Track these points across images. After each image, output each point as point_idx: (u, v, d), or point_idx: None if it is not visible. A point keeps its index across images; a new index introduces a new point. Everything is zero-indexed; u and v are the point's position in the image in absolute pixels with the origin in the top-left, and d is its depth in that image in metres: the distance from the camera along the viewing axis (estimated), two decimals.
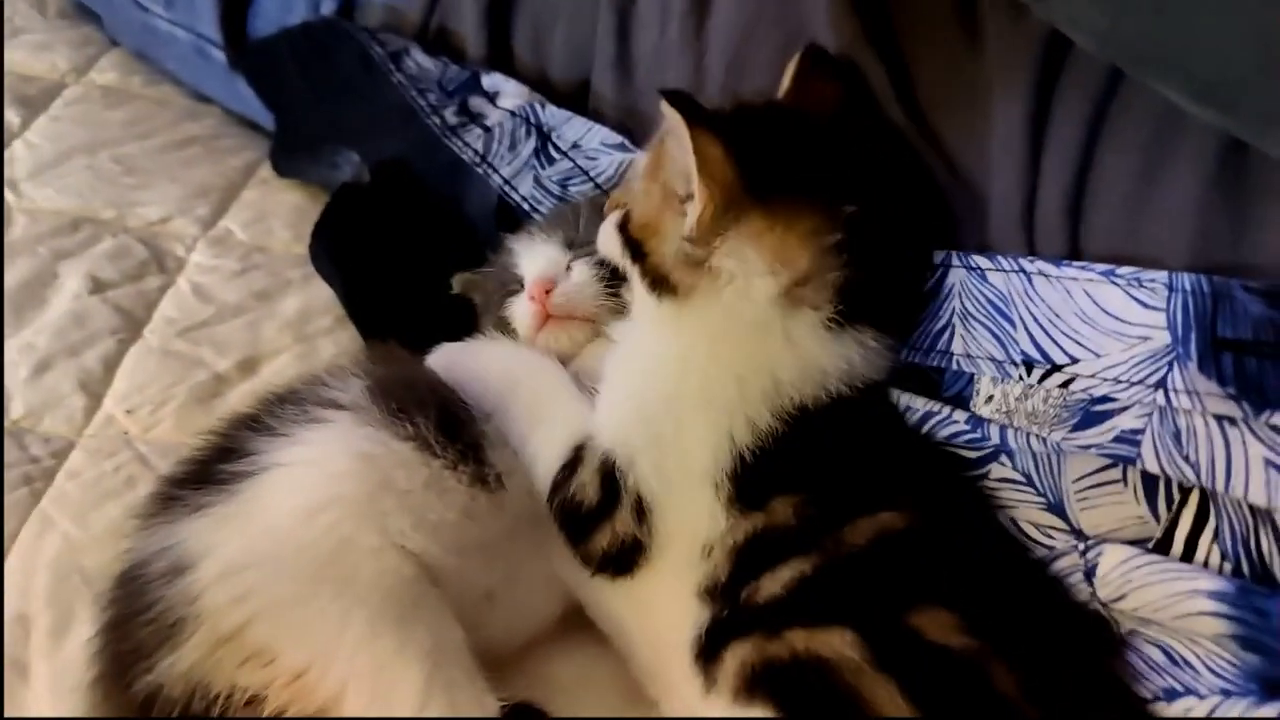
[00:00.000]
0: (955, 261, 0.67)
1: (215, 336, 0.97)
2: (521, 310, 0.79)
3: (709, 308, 0.65)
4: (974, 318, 0.65)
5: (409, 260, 0.97)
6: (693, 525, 0.63)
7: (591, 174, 0.93)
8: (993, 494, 0.65)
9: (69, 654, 0.73)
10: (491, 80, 1.03)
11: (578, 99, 1.01)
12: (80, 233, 1.08)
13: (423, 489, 0.66)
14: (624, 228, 0.71)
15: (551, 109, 0.98)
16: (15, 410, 0.90)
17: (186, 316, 1.00)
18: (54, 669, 0.73)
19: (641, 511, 0.64)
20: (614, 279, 0.77)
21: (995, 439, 0.63)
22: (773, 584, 0.60)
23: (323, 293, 1.01)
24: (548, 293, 0.78)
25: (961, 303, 0.66)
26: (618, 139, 0.92)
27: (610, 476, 0.65)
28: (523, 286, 0.80)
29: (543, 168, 0.96)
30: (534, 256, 0.82)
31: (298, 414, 0.70)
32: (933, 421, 0.66)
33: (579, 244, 0.81)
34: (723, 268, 0.64)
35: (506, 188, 0.97)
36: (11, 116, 1.24)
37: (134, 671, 0.60)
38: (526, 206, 0.95)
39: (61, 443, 0.88)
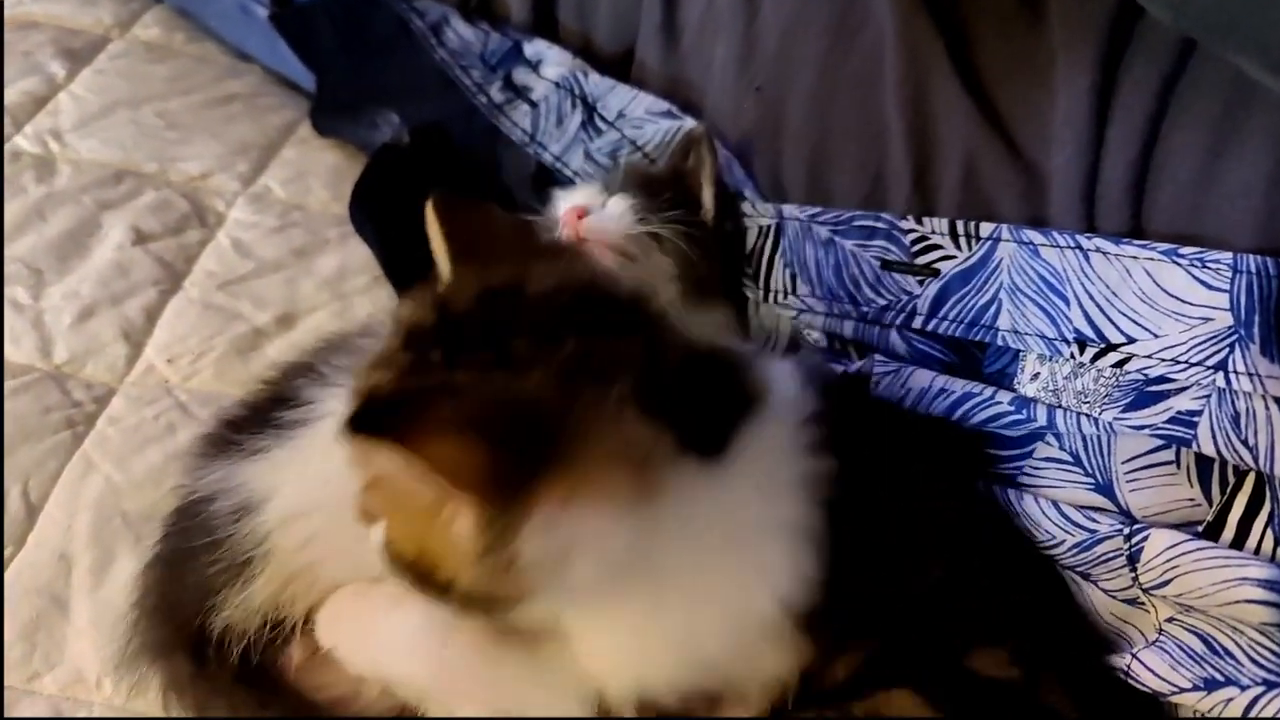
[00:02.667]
0: (1006, 235, 0.66)
1: (254, 291, 0.98)
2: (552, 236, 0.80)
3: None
4: (1023, 293, 0.64)
5: None
6: None
7: (639, 143, 0.93)
8: (1035, 475, 0.64)
9: (110, 591, 0.74)
10: (534, 48, 1.02)
11: (622, 67, 1.00)
12: (123, 185, 1.08)
13: None
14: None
15: (594, 78, 0.97)
16: (59, 355, 0.91)
17: (226, 270, 1.00)
18: (95, 605, 0.74)
19: None
20: (648, 215, 0.78)
21: (1042, 420, 0.63)
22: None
23: (360, 252, 1.02)
24: (581, 218, 0.78)
25: (1011, 277, 0.65)
26: (663, 106, 0.92)
27: None
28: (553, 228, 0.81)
29: (591, 140, 0.96)
30: (571, 194, 0.84)
31: (352, 364, 0.70)
32: (971, 403, 0.65)
33: (615, 190, 0.82)
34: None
35: (558, 164, 0.97)
36: (57, 69, 1.24)
37: (199, 605, 0.61)
38: (579, 181, 0.94)
39: (103, 389, 0.89)
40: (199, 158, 1.13)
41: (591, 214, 0.80)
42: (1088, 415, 0.60)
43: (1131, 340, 0.59)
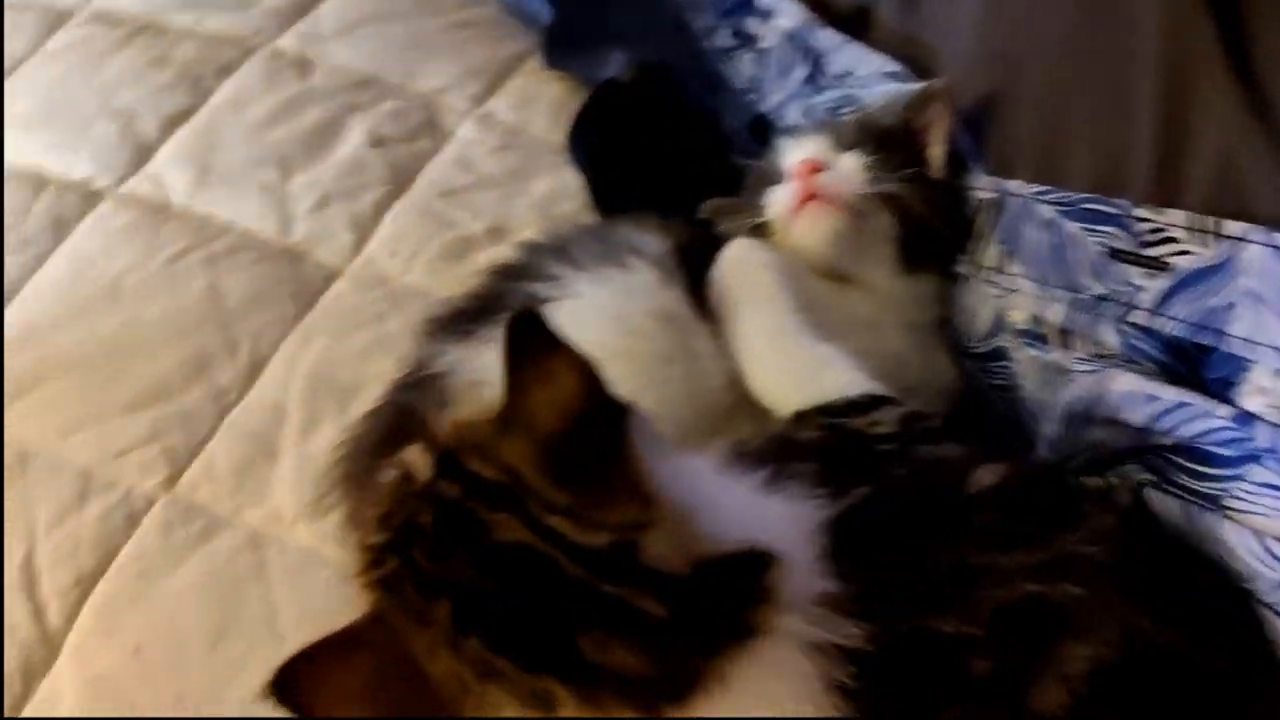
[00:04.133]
0: (1255, 237, 0.62)
1: (471, 202, 1.03)
2: (782, 192, 0.79)
3: None
4: (1266, 301, 0.61)
5: (660, 163, 0.99)
6: None
7: (863, 103, 0.92)
8: (1243, 500, 0.60)
9: (313, 447, 0.82)
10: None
11: (855, 24, 0.99)
12: (368, 92, 1.16)
13: (709, 360, 0.70)
14: None
15: (826, 32, 0.96)
16: (296, 234, 1.00)
17: (447, 181, 1.06)
18: (299, 457, 0.82)
19: None
20: (882, 173, 0.77)
21: (1263, 440, 0.58)
22: None
23: (573, 181, 1.05)
24: (813, 170, 0.78)
25: (1254, 282, 0.61)
26: (894, 66, 0.90)
27: None
28: (780, 180, 0.81)
29: (812, 95, 0.95)
30: (801, 146, 0.83)
31: (599, 250, 0.74)
32: (1183, 415, 0.62)
33: (847, 144, 0.81)
34: None
35: (774, 115, 0.97)
36: None
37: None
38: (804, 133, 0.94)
39: (329, 270, 0.97)
40: (437, 75, 1.19)
41: (825, 167, 0.79)
42: None
43: None
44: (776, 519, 0.52)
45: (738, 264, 0.75)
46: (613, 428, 0.48)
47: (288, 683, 0.48)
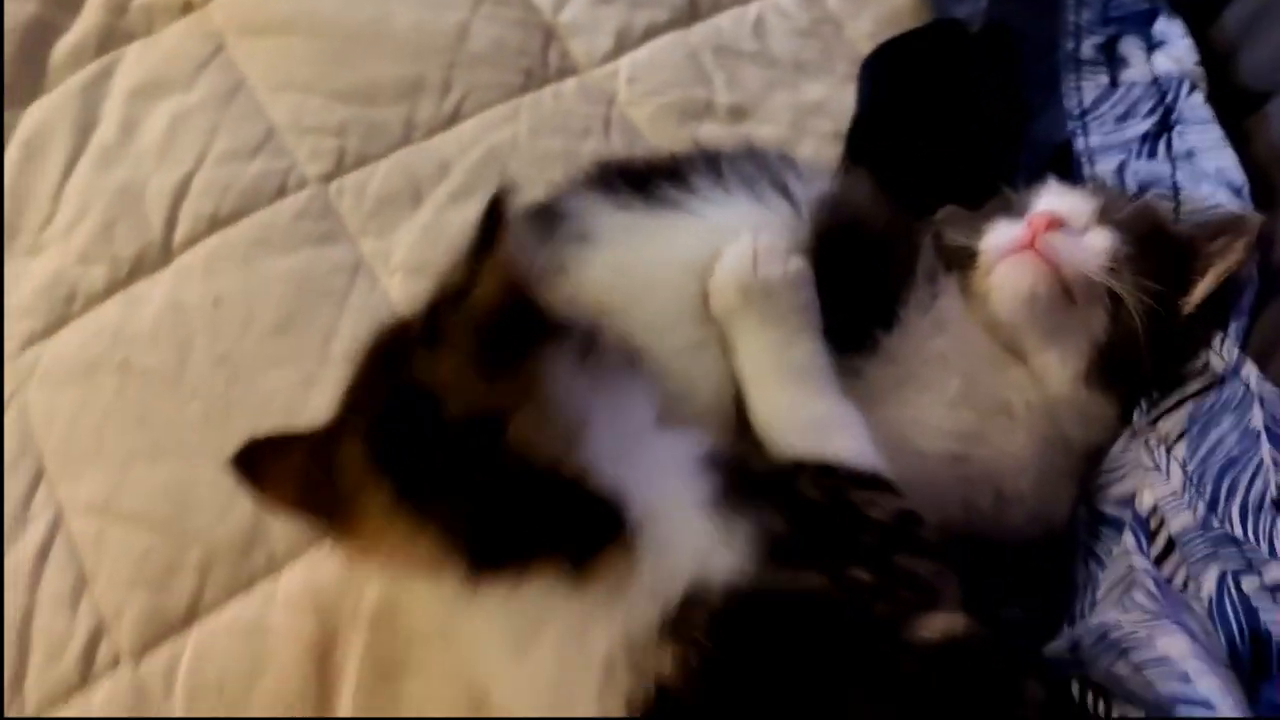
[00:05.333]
0: None
1: (736, 72, 0.96)
2: (1004, 230, 0.69)
3: None
4: None
5: (936, 135, 0.88)
6: None
7: (1181, 195, 0.76)
8: None
9: (450, 217, 0.84)
10: (1167, 26, 0.84)
11: (1246, 108, 0.80)
12: None
13: None
14: None
15: (1197, 99, 0.79)
16: (565, 15, 0.98)
17: (732, 39, 0.99)
18: (434, 217, 0.84)
19: None
20: (1124, 268, 0.65)
21: None
22: None
23: (847, 103, 0.95)
24: (1050, 226, 0.67)
25: None
26: (1240, 180, 0.73)
27: None
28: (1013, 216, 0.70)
29: (1137, 157, 0.79)
30: (1060, 196, 0.72)
31: (751, 178, 0.70)
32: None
33: (1113, 222, 0.68)
34: None
35: (1085, 156, 0.82)
36: None
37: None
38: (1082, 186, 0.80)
39: (570, 65, 0.96)
40: None
41: (1065, 230, 0.68)
42: None
43: None
44: (671, 509, 0.54)
45: (766, 271, 0.65)
46: (526, 332, 0.54)
47: (247, 458, 0.58)
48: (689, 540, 0.53)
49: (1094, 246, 0.67)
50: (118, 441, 0.75)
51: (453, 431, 0.53)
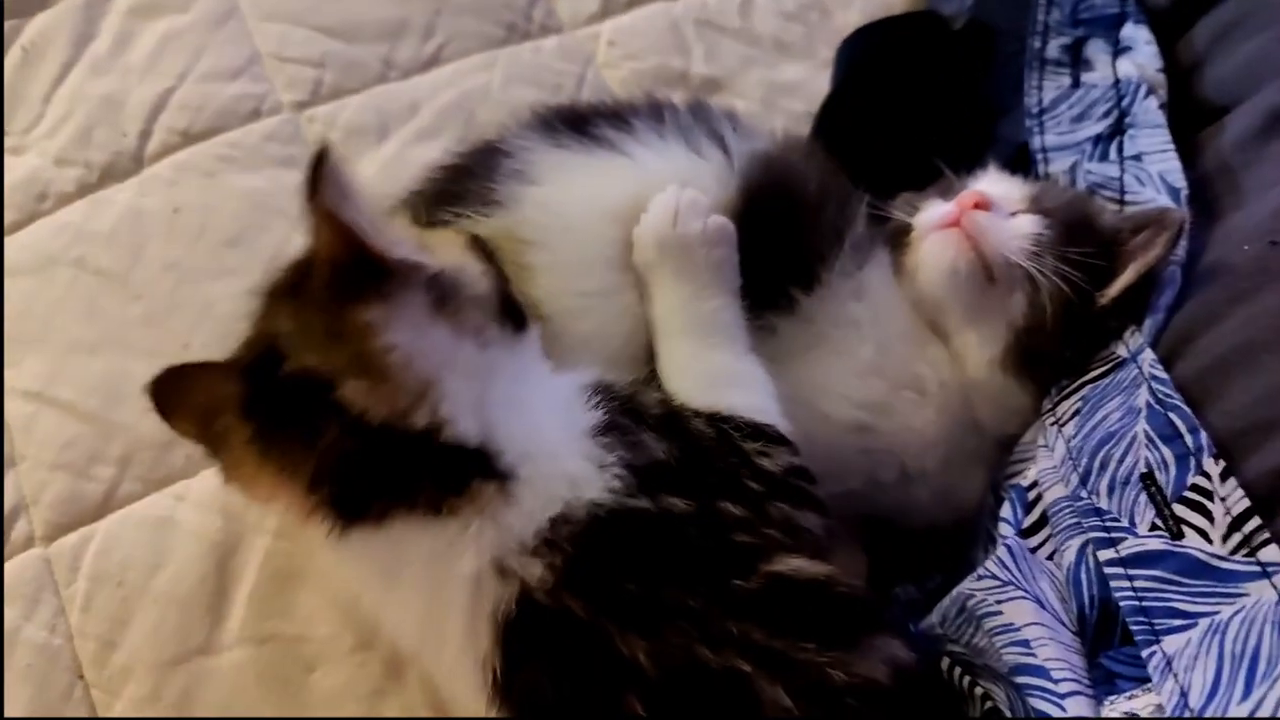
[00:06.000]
0: None
1: (716, 45, 0.98)
2: (935, 208, 0.70)
3: None
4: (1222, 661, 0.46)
5: (903, 125, 0.88)
6: None
7: (1126, 195, 0.75)
8: None
9: (413, 154, 0.85)
10: (1134, 32, 0.83)
11: (1206, 119, 0.79)
12: None
13: None
14: None
15: (1152, 103, 0.78)
16: None
17: (718, 13, 1.00)
18: (398, 151, 0.87)
19: None
20: (1047, 253, 0.66)
21: None
22: None
23: (820, 84, 0.96)
24: (977, 205, 0.68)
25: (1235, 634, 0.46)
26: (1181, 184, 0.72)
27: None
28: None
29: (1089, 159, 0.79)
30: (994, 181, 0.73)
31: (688, 128, 0.70)
32: (1035, 683, 0.51)
33: (1042, 210, 0.69)
34: None
35: (1040, 155, 0.82)
36: None
37: (443, 207, 0.68)
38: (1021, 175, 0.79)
39: (553, 24, 0.98)
40: None
41: (992, 211, 0.68)
42: None
43: None
44: (550, 435, 0.55)
45: (684, 227, 0.65)
46: (362, 285, 0.53)
47: (161, 386, 0.61)
48: (565, 468, 0.54)
49: (1017, 229, 0.67)
50: (62, 332, 0.78)
51: (287, 388, 0.54)
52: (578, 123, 0.71)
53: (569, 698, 0.50)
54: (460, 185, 0.70)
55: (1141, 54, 0.81)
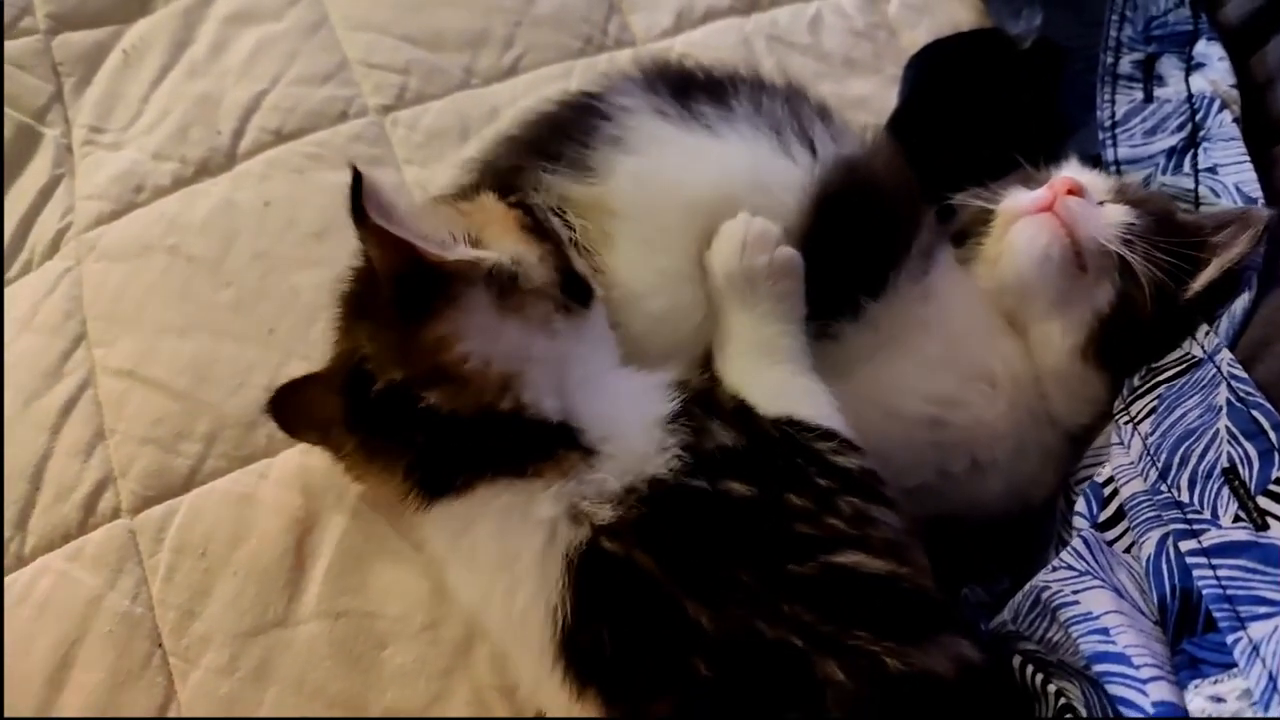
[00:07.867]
0: None
1: (786, 62, 0.99)
2: (1024, 194, 0.71)
3: None
4: None
5: (975, 127, 0.89)
6: None
7: (1202, 206, 0.76)
8: None
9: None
10: (1207, 50, 0.84)
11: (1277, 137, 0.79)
12: None
13: None
14: None
15: (1226, 117, 0.78)
16: None
17: (788, 31, 1.03)
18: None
19: None
20: (1138, 242, 0.66)
21: None
22: None
23: (888, 100, 0.97)
24: (1070, 191, 0.68)
25: None
26: (1257, 194, 0.72)
27: None
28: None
29: (1163, 171, 0.80)
30: (1080, 170, 0.74)
31: (782, 122, 0.71)
32: (1117, 672, 0.50)
33: (1129, 201, 0.70)
34: None
35: (1113, 167, 0.83)
36: None
37: (535, 160, 0.70)
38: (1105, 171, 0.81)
39: (628, 38, 1.01)
40: None
41: (1086, 199, 0.69)
42: None
43: None
44: (627, 421, 0.57)
45: (751, 260, 0.66)
46: (427, 292, 0.56)
47: (277, 404, 0.67)
48: (638, 447, 0.56)
49: (1111, 217, 0.68)
50: (155, 315, 0.81)
51: (379, 402, 0.59)
52: (681, 89, 0.72)
53: (633, 654, 0.52)
54: (556, 141, 0.71)
55: (1215, 70, 0.82)
